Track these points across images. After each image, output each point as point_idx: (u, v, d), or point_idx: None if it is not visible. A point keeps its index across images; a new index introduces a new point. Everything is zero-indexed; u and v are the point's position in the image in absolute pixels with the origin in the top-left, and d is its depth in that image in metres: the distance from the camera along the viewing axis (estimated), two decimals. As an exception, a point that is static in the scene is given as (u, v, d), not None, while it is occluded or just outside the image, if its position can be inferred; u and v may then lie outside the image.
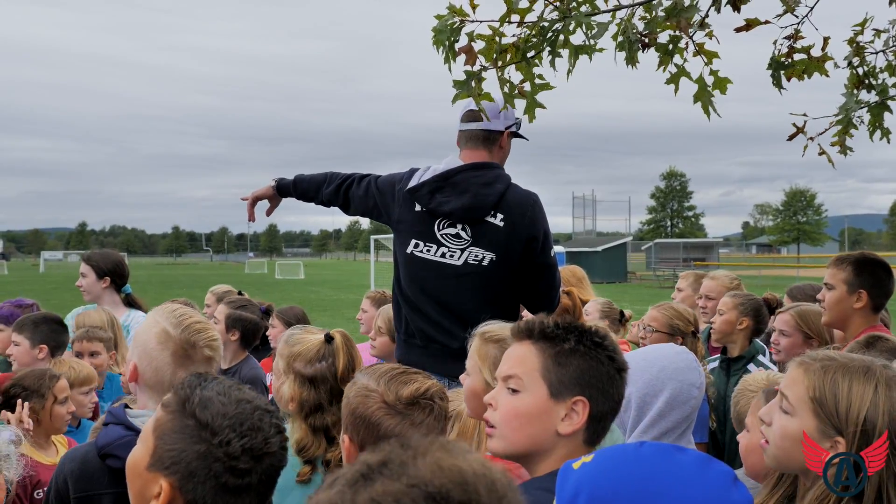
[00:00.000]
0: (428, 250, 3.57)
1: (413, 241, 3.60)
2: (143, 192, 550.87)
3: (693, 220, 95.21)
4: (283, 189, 4.07)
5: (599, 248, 47.96)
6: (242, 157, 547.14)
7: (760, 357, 4.21)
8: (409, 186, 3.61)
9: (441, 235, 3.56)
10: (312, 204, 4.08)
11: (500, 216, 3.54)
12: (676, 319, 4.06)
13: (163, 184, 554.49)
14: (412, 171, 3.70)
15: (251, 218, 4.16)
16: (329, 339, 2.67)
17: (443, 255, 3.55)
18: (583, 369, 1.80)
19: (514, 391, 1.85)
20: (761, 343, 4.37)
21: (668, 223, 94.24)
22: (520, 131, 3.74)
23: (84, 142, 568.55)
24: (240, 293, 5.80)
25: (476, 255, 3.53)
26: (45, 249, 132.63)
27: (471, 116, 3.60)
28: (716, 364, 4.35)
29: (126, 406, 2.36)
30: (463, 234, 3.55)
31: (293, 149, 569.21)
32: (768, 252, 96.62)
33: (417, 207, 3.60)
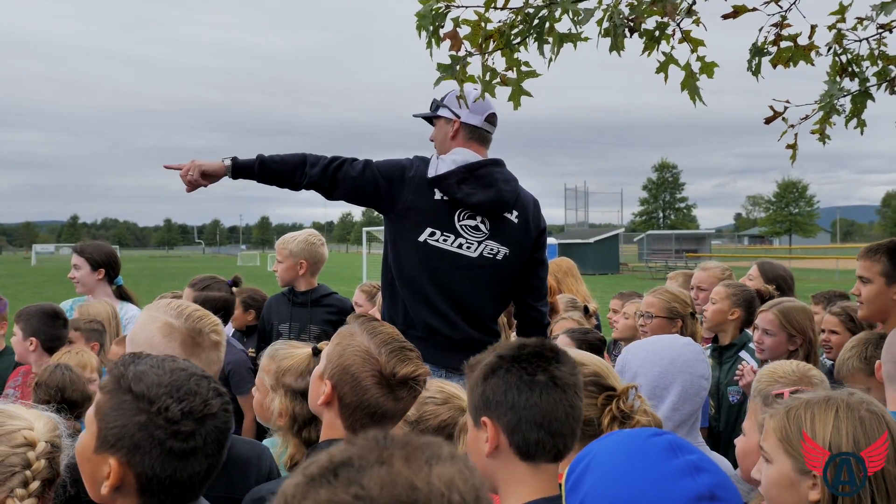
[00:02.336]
0: (445, 240, 3.54)
1: (429, 230, 3.54)
2: (136, 186, 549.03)
3: (685, 211, 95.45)
4: (242, 170, 3.59)
5: (592, 240, 47.98)
6: (237, 149, 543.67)
7: (751, 344, 4.22)
8: (433, 174, 3.55)
9: (460, 226, 3.56)
10: (275, 187, 3.72)
11: (515, 213, 3.63)
12: (674, 302, 4.08)
13: (156, 177, 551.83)
14: (422, 159, 3.64)
15: (193, 185, 3.57)
16: (317, 352, 2.62)
17: (459, 246, 3.55)
18: (484, 391, 1.82)
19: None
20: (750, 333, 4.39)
21: (661, 215, 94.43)
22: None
23: (78, 135, 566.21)
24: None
25: (492, 249, 3.57)
26: (37, 242, 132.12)
27: (493, 121, 3.71)
28: (707, 353, 4.37)
29: None
30: (482, 226, 3.57)
31: (288, 141, 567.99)
32: (760, 243, 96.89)
33: (438, 196, 3.55)
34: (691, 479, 1.44)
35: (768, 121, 3.49)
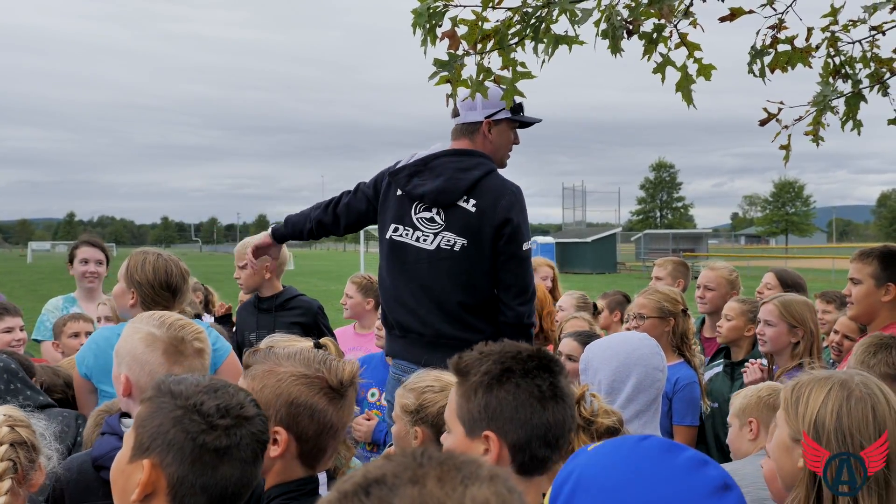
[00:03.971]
0: (406, 234, 3.58)
1: (393, 226, 3.61)
2: (134, 183, 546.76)
3: (682, 210, 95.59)
4: (279, 235, 4.00)
5: (589, 239, 47.95)
6: (236, 147, 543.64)
7: (763, 360, 4.27)
8: (390, 170, 3.65)
9: (416, 219, 3.57)
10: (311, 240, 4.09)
11: (472, 201, 3.51)
12: (665, 302, 4.11)
13: (154, 174, 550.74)
14: (398, 161, 3.72)
15: (255, 265, 4.16)
16: (319, 345, 2.60)
17: (417, 239, 3.56)
18: (487, 402, 1.77)
19: (448, 432, 1.86)
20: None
21: (658, 214, 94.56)
22: (519, 115, 3.66)
23: (76, 131, 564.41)
24: (203, 286, 5.84)
25: (448, 240, 3.52)
26: (33, 240, 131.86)
27: (452, 113, 3.65)
28: (720, 369, 4.39)
29: (123, 415, 2.33)
30: (437, 218, 3.55)
31: (288, 139, 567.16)
32: (757, 243, 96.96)
33: (398, 192, 3.62)
34: (703, 473, 1.40)
35: (763, 122, 3.51)
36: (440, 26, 2.68)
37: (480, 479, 0.85)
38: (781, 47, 3.38)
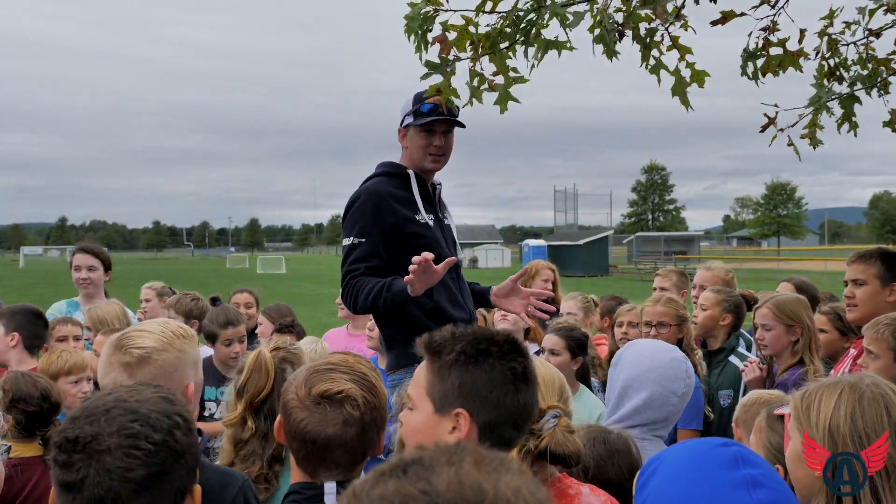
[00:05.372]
0: None
1: None
2: (126, 187, 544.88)
3: (674, 213, 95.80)
4: None
5: (581, 242, 48.03)
6: (228, 150, 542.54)
7: (740, 349, 4.29)
8: None
9: None
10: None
11: None
12: (681, 310, 4.19)
13: (146, 178, 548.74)
14: None
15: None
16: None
17: None
18: (462, 381, 1.79)
19: (410, 409, 1.89)
20: (749, 336, 4.43)
21: (650, 217, 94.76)
22: (421, 118, 3.42)
23: (68, 136, 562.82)
24: (171, 290, 5.86)
25: None
26: (25, 244, 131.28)
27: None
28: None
29: None
30: None
31: (279, 142, 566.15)
32: (749, 245, 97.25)
33: None
34: (746, 493, 1.49)
35: (763, 128, 3.51)
36: (430, 31, 2.67)
37: (512, 470, 0.90)
38: (773, 51, 3.38)
